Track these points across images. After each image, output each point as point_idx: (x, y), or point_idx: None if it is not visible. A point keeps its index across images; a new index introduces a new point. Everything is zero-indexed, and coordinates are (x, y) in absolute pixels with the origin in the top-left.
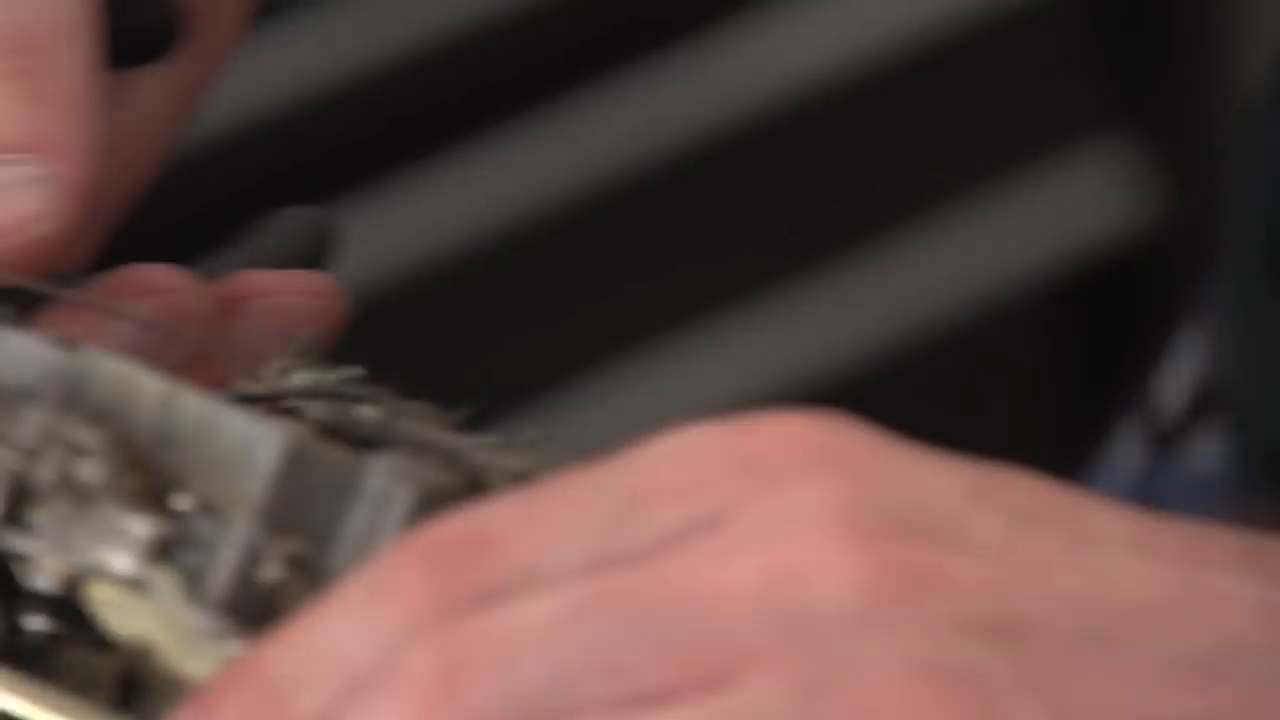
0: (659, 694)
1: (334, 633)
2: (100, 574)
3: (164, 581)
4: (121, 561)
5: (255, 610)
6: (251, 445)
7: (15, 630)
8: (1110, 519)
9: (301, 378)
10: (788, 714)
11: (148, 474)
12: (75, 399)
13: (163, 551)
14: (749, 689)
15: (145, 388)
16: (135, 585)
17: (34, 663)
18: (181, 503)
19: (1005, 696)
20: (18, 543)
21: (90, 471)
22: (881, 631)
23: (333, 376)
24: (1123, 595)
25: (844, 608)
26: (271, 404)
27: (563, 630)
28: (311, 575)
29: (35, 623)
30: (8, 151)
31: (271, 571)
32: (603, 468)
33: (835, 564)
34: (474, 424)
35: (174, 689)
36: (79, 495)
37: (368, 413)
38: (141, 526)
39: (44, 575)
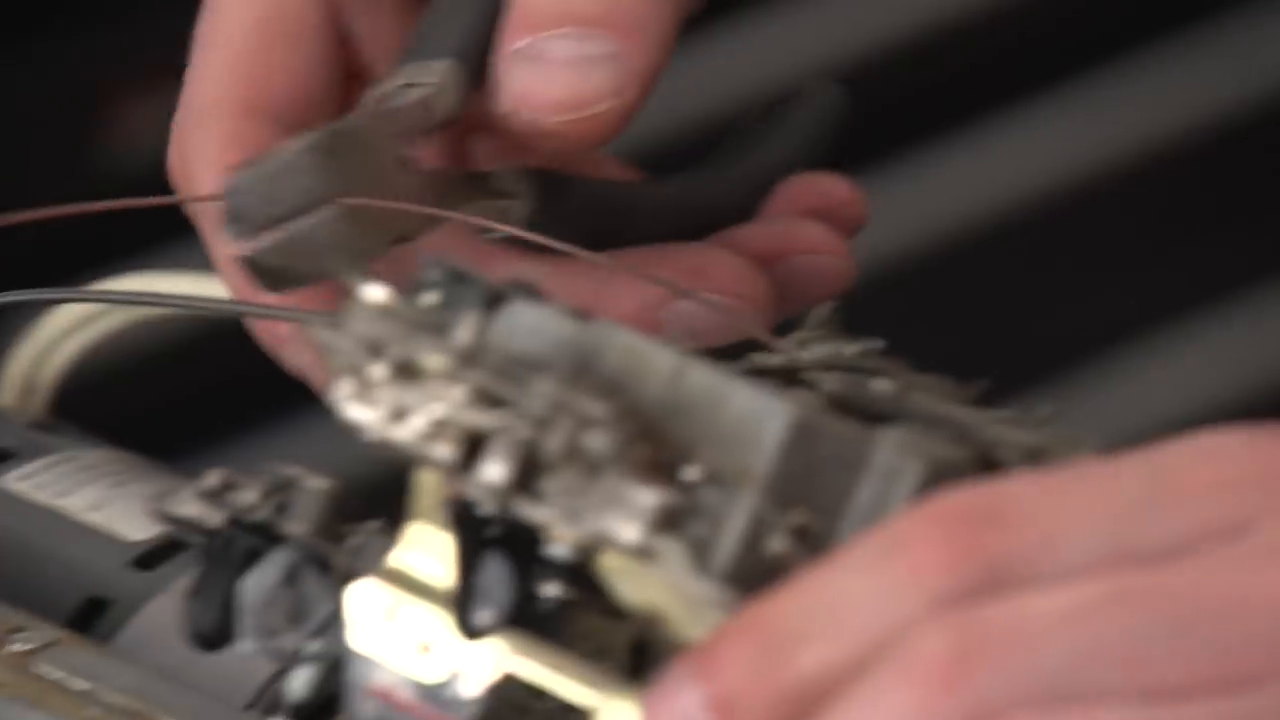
0: (1178, 689)
1: (841, 589)
2: (608, 543)
3: (671, 552)
4: (629, 531)
5: (761, 582)
6: (759, 418)
7: (532, 597)
8: None
9: (818, 350)
10: None
11: (656, 445)
12: (586, 370)
13: (670, 522)
14: (1276, 689)
15: (656, 360)
16: (642, 555)
17: (549, 629)
18: (689, 474)
19: None
20: (529, 511)
21: (599, 442)
22: None
23: (849, 349)
24: None
25: None
26: (786, 376)
27: (1082, 622)
28: (817, 548)
29: (551, 590)
30: (587, 26)
31: (778, 544)
32: (1129, 458)
33: None
34: (989, 398)
35: None
36: (588, 465)
37: (881, 386)
38: (648, 497)
39: (560, 543)
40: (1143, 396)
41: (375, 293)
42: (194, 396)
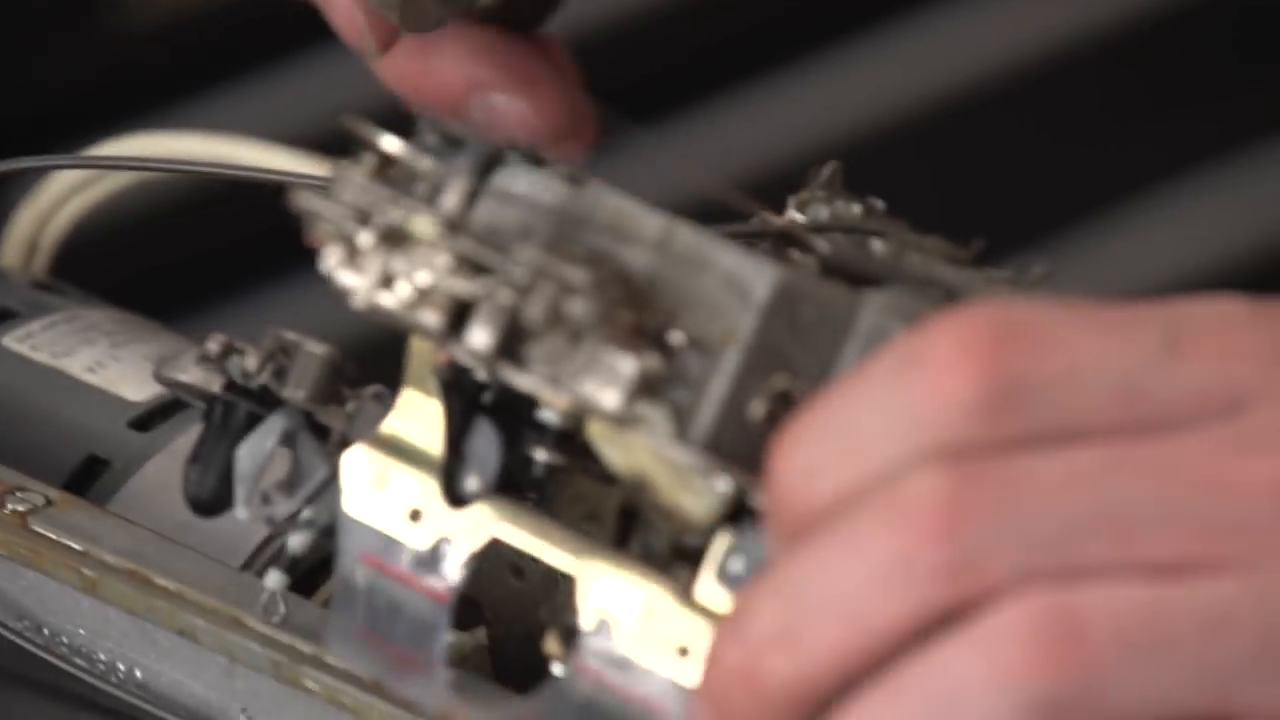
0: (1163, 566)
1: (858, 410)
2: (590, 410)
3: (651, 417)
4: (609, 397)
5: (744, 446)
6: (744, 281)
7: (524, 462)
8: None
9: (820, 211)
10: None
11: (640, 310)
12: (575, 234)
13: (650, 388)
14: (1265, 576)
15: (644, 224)
16: (623, 421)
17: (540, 494)
18: (673, 339)
19: None
20: (514, 378)
21: (580, 308)
22: None
23: (851, 209)
24: None
25: None
26: (785, 240)
27: (1077, 486)
28: None
29: (542, 455)
30: None
31: (759, 408)
32: (1150, 307)
33: None
34: (986, 259)
35: (672, 522)
36: (570, 332)
37: (876, 248)
38: (628, 364)
39: (550, 410)
40: (1117, 266)
41: (366, 160)
42: (196, 257)
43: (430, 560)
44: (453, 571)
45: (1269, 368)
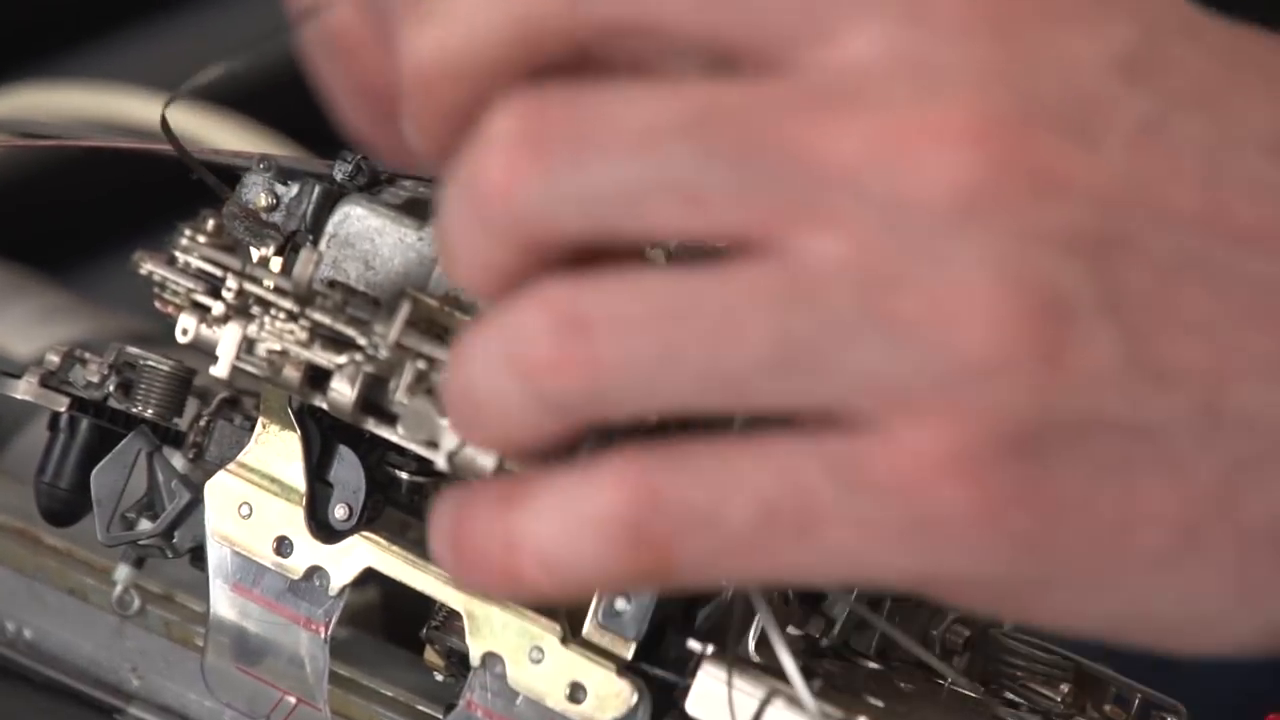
0: (725, 233)
1: None
2: (465, 470)
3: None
4: (483, 459)
5: None
6: None
7: (390, 480)
8: (1267, 114)
9: None
10: (849, 301)
11: None
12: (425, 279)
13: None
14: (814, 258)
15: None
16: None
17: (407, 506)
18: None
19: (1083, 322)
20: (380, 431)
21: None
22: (977, 235)
23: None
24: (1235, 216)
25: (946, 203)
26: None
27: (655, 141)
28: None
29: (405, 474)
30: None
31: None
32: None
33: (950, 152)
34: None
35: None
36: (436, 399)
37: None
38: None
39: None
40: None
41: (207, 221)
42: (89, 204)
43: (303, 588)
44: (328, 599)
45: None
